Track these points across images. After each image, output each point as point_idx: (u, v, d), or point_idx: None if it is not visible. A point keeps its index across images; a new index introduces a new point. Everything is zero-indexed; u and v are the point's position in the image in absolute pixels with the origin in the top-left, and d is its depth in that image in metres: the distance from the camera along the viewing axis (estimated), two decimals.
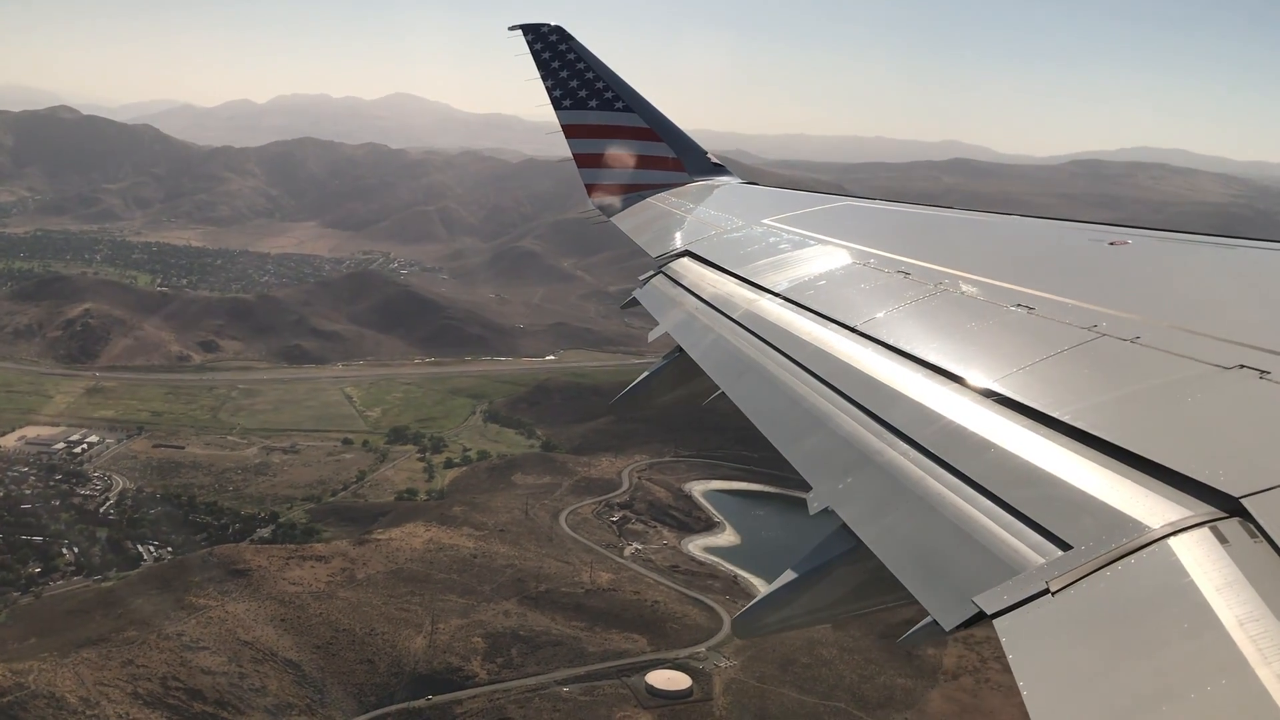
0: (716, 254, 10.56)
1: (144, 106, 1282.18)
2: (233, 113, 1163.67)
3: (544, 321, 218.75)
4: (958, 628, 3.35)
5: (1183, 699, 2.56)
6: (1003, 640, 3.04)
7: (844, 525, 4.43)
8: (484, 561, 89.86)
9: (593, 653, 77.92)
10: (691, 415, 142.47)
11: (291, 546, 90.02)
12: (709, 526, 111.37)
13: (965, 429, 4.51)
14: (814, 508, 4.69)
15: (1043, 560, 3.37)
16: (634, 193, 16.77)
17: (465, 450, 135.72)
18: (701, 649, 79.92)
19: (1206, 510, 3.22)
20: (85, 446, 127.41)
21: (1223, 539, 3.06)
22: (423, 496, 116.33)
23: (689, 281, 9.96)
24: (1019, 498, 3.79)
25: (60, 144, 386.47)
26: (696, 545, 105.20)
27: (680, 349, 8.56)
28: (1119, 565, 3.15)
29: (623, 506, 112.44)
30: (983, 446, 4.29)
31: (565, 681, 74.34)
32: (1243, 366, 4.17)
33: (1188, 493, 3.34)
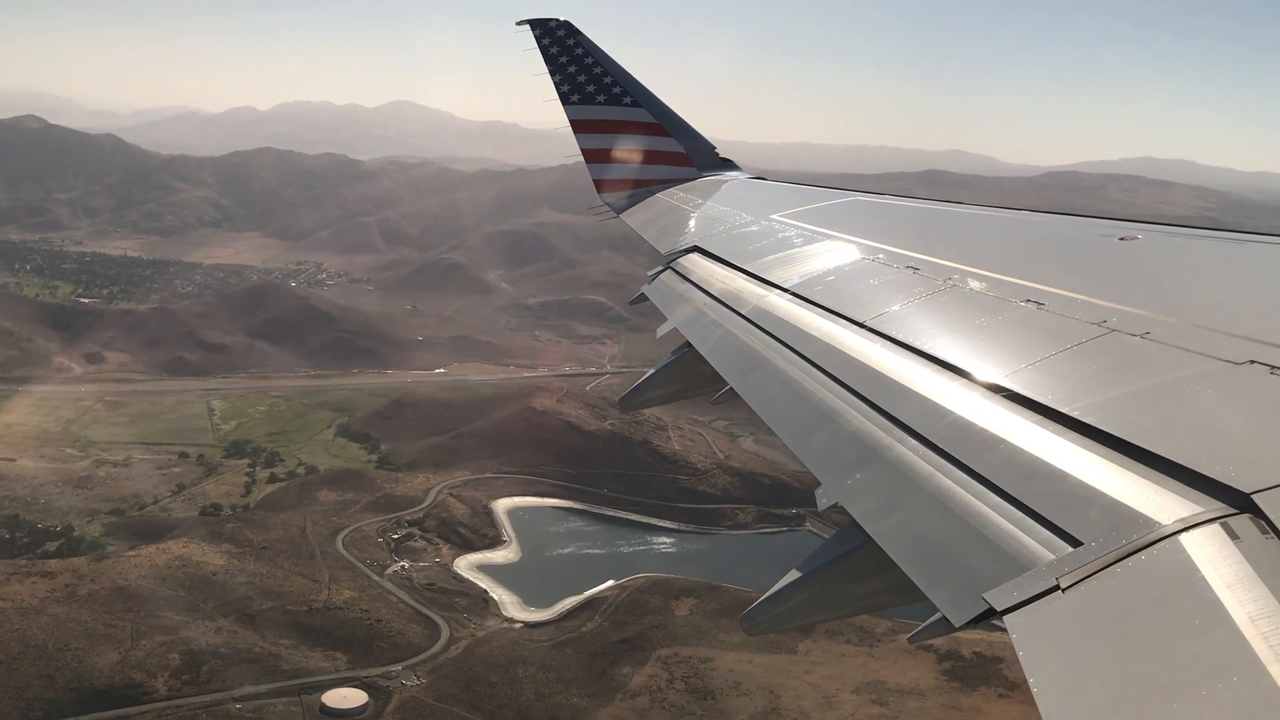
0: (725, 249, 10.54)
1: (153, 113, 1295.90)
2: (236, 119, 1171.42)
3: (446, 334, 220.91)
4: (967, 624, 3.40)
5: (1194, 696, 2.56)
6: (1012, 637, 3.06)
7: (853, 521, 4.43)
8: (223, 579, 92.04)
9: (285, 670, 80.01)
10: (527, 432, 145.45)
11: (21, 562, 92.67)
12: (493, 543, 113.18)
13: (975, 425, 4.54)
14: (823, 504, 4.68)
15: (1053, 556, 3.40)
16: (642, 188, 16.73)
17: (299, 464, 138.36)
18: (398, 667, 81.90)
19: (1217, 506, 3.24)
20: None
21: (1234, 535, 3.07)
22: (227, 511, 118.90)
23: (697, 277, 9.98)
24: (1029, 494, 3.82)
25: (22, 153, 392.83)
26: (469, 562, 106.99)
27: (688, 344, 8.60)
28: (1129, 562, 3.16)
29: (412, 524, 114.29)
30: (992, 442, 4.33)
31: (246, 699, 76.52)
32: (1254, 362, 4.18)
33: (1198, 489, 3.37)
